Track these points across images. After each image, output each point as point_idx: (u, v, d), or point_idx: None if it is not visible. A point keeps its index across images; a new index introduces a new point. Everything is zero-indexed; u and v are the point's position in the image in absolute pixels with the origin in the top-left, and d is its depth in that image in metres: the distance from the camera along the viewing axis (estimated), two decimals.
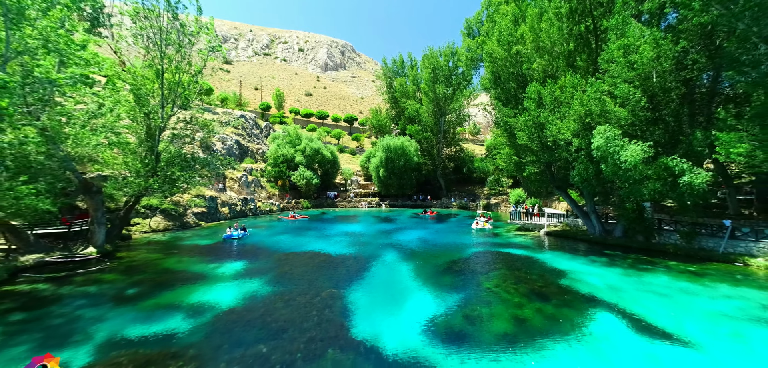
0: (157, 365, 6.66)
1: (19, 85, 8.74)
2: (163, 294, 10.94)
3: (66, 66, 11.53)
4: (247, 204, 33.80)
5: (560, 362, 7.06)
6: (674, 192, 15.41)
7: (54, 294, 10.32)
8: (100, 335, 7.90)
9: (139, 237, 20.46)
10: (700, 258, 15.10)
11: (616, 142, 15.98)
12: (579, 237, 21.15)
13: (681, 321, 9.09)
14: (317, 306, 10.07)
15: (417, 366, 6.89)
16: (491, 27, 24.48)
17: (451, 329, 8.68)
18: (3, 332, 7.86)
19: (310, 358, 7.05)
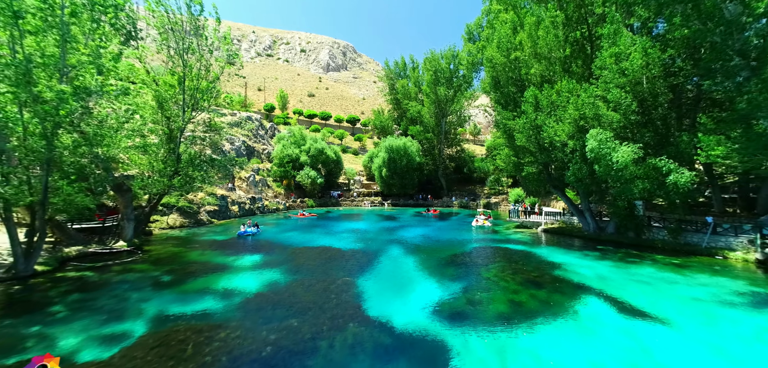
0: (210, 332, 7.84)
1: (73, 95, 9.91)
2: (195, 281, 12.12)
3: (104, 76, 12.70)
4: (256, 203, 35.00)
5: (549, 335, 8.21)
6: (662, 191, 16.51)
7: (100, 280, 11.52)
8: (151, 312, 9.08)
9: (159, 233, 21.67)
10: (685, 252, 16.21)
11: (609, 144, 17.10)
12: (574, 233, 22.26)
13: (658, 304, 10.21)
14: (334, 292, 11.23)
15: (424, 339, 8.03)
16: (491, 33, 25.61)
17: (453, 310, 9.82)
18: (68, 309, 9.05)
19: (335, 331, 8.22)
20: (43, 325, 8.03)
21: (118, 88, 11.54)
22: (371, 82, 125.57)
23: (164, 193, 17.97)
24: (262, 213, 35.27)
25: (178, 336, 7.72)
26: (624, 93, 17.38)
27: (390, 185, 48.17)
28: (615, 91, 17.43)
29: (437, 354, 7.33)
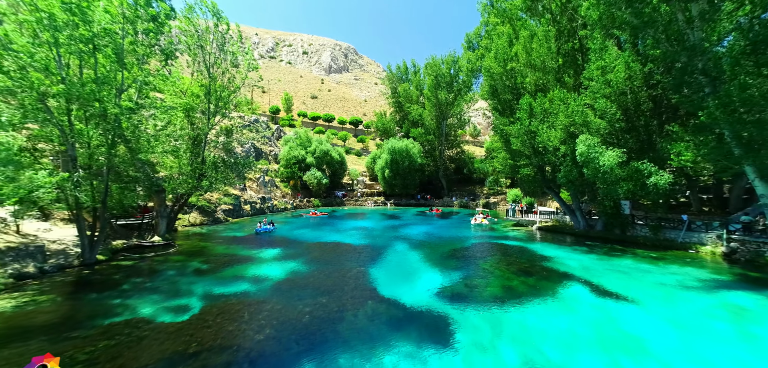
0: (257, 306, 9.60)
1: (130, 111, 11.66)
2: (228, 269, 13.88)
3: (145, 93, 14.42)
4: (265, 203, 36.76)
5: (534, 310, 9.94)
6: (644, 191, 18.22)
7: (149, 267, 13.29)
8: (200, 291, 10.84)
9: (182, 229, 23.42)
10: (663, 247, 17.93)
11: (596, 148, 18.81)
12: (566, 231, 23.97)
13: (630, 288, 11.93)
14: (350, 278, 12.98)
15: (429, 313, 9.76)
16: (489, 43, 27.33)
17: (454, 293, 11.55)
18: (134, 288, 10.83)
19: (356, 306, 9.96)
20: (122, 298, 9.80)
21: (167, 104, 13.31)
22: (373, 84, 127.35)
23: (191, 193, 19.73)
24: (271, 212, 37.01)
25: (232, 307, 9.47)
26: (609, 102, 19.10)
27: (392, 185, 49.88)
28: (601, 101, 19.16)
29: (440, 323, 9.06)
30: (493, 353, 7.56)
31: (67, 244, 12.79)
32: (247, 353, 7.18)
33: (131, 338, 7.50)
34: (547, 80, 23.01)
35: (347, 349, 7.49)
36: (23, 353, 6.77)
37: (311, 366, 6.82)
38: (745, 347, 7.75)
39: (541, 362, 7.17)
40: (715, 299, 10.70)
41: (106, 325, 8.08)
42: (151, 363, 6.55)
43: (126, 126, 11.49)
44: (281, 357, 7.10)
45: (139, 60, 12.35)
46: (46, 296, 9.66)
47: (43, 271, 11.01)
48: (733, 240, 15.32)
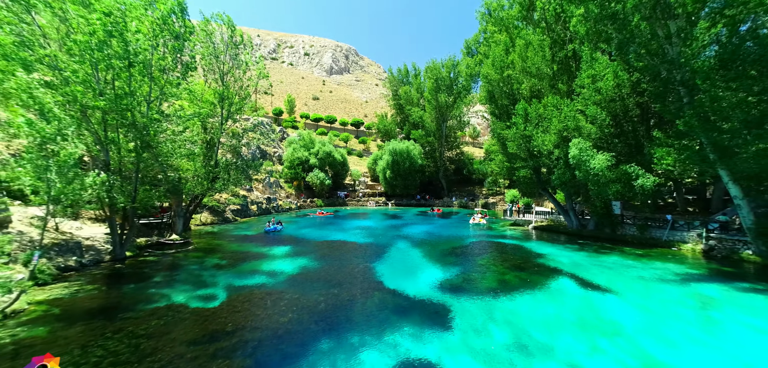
0: (277, 295, 10.78)
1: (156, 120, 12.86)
2: (245, 264, 15.07)
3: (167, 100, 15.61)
4: (271, 203, 37.96)
5: (524, 299, 11.12)
6: (631, 193, 19.42)
7: (173, 262, 14.49)
8: (223, 283, 12.03)
9: (195, 229, 24.61)
10: (649, 245, 19.12)
11: (587, 152, 20.00)
12: (560, 230, 25.16)
13: (613, 281, 13.11)
14: (358, 273, 14.17)
15: (431, 302, 10.93)
16: (487, 49, 28.53)
17: (452, 285, 12.73)
18: (164, 280, 12.01)
19: (366, 296, 11.16)
20: (156, 289, 11.00)
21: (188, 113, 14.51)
22: (373, 85, 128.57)
23: (205, 194, 20.92)
24: (276, 212, 38.19)
25: (255, 297, 10.67)
26: (600, 109, 20.30)
27: (393, 186, 51.09)
28: (592, 108, 20.35)
29: (440, 310, 10.25)
30: (486, 334, 8.74)
31: (98, 241, 13.96)
32: (275, 331, 8.37)
33: (175, 319, 8.70)
34: (542, 86, 24.20)
35: (359, 330, 8.67)
36: (94, 329, 7.96)
37: (330, 342, 8.00)
38: (702, 327, 8.94)
39: (527, 341, 8.36)
40: (687, 290, 11.89)
41: (151, 309, 9.28)
42: (198, 337, 7.74)
43: (153, 133, 12.68)
44: (304, 335, 8.29)
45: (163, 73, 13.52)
46: (91, 286, 10.84)
47: (82, 265, 12.19)
48: (711, 238, 16.52)
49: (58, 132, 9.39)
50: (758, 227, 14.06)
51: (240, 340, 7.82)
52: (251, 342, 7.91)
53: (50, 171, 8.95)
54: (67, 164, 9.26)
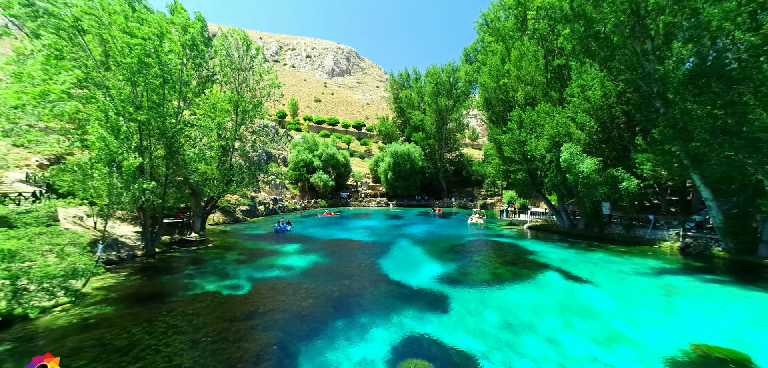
0: (296, 286, 12.28)
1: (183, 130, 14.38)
2: (262, 260, 16.57)
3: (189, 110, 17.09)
4: (277, 203, 39.46)
5: (514, 289, 12.60)
6: (617, 194, 20.92)
7: (197, 257, 15.99)
8: (245, 275, 13.53)
9: (209, 228, 26.12)
10: (633, 243, 20.60)
11: (577, 156, 21.50)
12: (553, 230, 26.64)
13: (595, 274, 14.59)
14: (365, 267, 15.66)
15: (431, 291, 12.41)
16: (485, 58, 30.04)
17: (451, 278, 14.22)
18: (194, 272, 13.52)
19: (373, 287, 12.65)
20: (189, 279, 12.50)
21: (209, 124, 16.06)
22: (374, 87, 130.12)
23: (220, 195, 22.43)
24: (282, 212, 39.69)
25: (277, 286, 12.17)
26: (588, 116, 21.81)
27: (395, 187, 52.58)
28: (582, 115, 21.87)
29: (439, 298, 11.73)
30: (479, 316, 10.24)
31: (130, 238, 15.46)
32: (298, 313, 9.87)
33: (214, 303, 10.21)
34: (536, 94, 25.71)
35: (369, 313, 10.17)
36: (151, 309, 9.46)
37: (344, 322, 9.49)
38: (663, 310, 10.42)
39: (514, 321, 9.85)
40: (657, 281, 13.38)
41: (191, 295, 10.78)
42: (236, 316, 9.25)
43: (181, 141, 14.19)
44: (323, 316, 9.79)
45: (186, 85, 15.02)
46: (134, 276, 12.35)
47: (121, 259, 13.68)
48: (687, 236, 18.00)
49: (122, 145, 10.91)
50: (726, 226, 15.54)
51: (271, 319, 9.33)
52: (280, 320, 9.41)
53: (113, 177, 10.46)
54: (129, 172, 10.75)
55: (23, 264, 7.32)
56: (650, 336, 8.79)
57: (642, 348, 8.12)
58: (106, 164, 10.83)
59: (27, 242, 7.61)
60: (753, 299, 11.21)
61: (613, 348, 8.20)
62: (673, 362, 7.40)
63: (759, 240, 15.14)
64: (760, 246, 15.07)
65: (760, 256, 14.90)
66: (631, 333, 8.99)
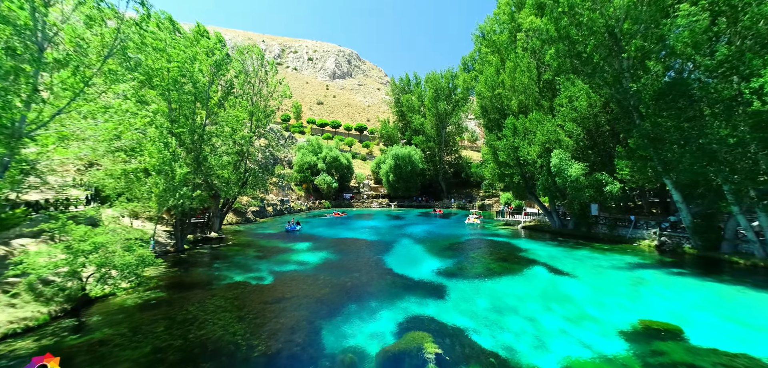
0: (312, 277, 14.09)
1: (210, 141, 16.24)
2: (278, 256, 18.38)
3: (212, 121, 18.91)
4: (284, 204, 41.29)
5: (503, 281, 14.40)
6: (601, 197, 22.73)
7: (220, 254, 17.81)
8: (265, 269, 15.34)
9: (224, 227, 27.94)
10: (615, 241, 22.41)
11: (566, 161, 23.31)
12: (545, 229, 28.45)
13: (576, 268, 16.39)
14: (372, 263, 17.46)
15: (431, 283, 14.21)
16: (482, 67, 31.89)
17: (448, 271, 16.03)
18: (221, 265, 15.34)
19: (380, 279, 14.47)
20: (219, 272, 14.32)
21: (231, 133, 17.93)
22: (375, 89, 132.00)
23: (236, 197, 24.25)
24: (289, 212, 41.51)
25: (296, 278, 13.99)
26: (576, 125, 23.64)
27: (396, 188, 54.41)
28: (569, 124, 23.69)
29: (438, 287, 13.54)
30: (471, 301, 12.04)
31: (161, 236, 17.26)
32: (318, 299, 11.68)
33: (246, 290, 12.03)
34: (529, 102, 27.54)
35: (378, 299, 11.98)
36: (196, 294, 11.27)
37: (357, 306, 11.29)
38: (628, 297, 12.22)
39: (501, 306, 11.64)
40: (630, 274, 15.19)
41: (226, 284, 12.61)
42: (268, 300, 11.06)
43: (207, 149, 16.03)
44: (338, 301, 11.59)
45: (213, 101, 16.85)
46: (173, 269, 14.17)
47: (156, 254, 15.46)
48: (663, 235, 19.81)
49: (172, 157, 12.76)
50: (694, 226, 17.34)
51: (296, 302, 11.15)
52: (304, 303, 11.23)
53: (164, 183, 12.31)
54: (180, 179, 12.58)
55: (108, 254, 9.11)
56: (612, 316, 10.60)
57: (603, 324, 9.93)
58: (159, 173, 12.65)
59: (110, 236, 9.40)
60: (705, 288, 13.01)
61: (580, 325, 10.00)
62: (622, 332, 9.21)
63: (722, 238, 16.95)
64: (723, 244, 16.87)
65: (723, 252, 16.70)
66: (597, 314, 10.80)
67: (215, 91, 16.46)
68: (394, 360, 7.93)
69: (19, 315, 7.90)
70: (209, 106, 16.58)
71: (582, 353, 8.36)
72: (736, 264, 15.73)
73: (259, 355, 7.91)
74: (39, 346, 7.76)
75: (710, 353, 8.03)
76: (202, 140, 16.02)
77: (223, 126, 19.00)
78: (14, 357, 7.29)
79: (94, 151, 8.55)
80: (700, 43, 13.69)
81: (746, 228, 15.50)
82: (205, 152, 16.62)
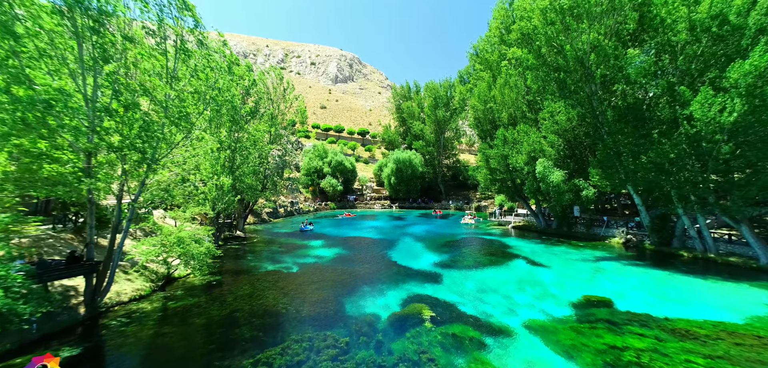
0: (331, 268, 17.27)
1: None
2: (298, 251, 21.54)
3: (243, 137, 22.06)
4: (294, 206, 44.45)
5: (489, 270, 17.55)
6: (579, 201, 25.90)
7: (249, 250, 20.97)
8: (290, 261, 18.51)
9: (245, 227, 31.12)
10: (591, 239, 25.56)
11: (549, 169, 26.49)
12: (532, 229, 31.61)
13: (551, 261, 19.53)
14: (379, 257, 20.63)
15: (429, 272, 17.34)
16: (476, 81, 35.16)
17: (444, 264, 19.18)
18: (254, 258, 18.50)
19: (386, 268, 17.65)
20: (254, 263, 17.49)
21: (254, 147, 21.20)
22: (376, 93, 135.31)
23: (256, 200, 27.45)
24: (299, 214, 44.66)
25: (317, 268, 17.17)
26: (557, 137, 26.83)
27: (397, 190, 57.58)
28: (551, 136, 26.88)
29: (435, 275, 16.69)
30: (461, 285, 15.19)
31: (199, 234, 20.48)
32: (338, 282, 14.84)
33: (280, 277, 15.18)
34: (517, 115, 30.75)
35: (386, 283, 15.13)
36: (243, 278, 14.43)
37: (369, 287, 14.43)
38: (586, 282, 15.35)
39: (484, 287, 14.79)
40: (593, 265, 18.34)
41: (262, 272, 15.78)
42: (301, 283, 14.22)
43: (239, 160, 19.24)
44: (354, 284, 14.74)
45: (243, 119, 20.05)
46: (217, 261, 17.36)
47: None
48: (629, 233, 22.98)
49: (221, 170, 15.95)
50: (652, 225, 20.49)
51: (321, 285, 14.31)
52: (327, 286, 14.39)
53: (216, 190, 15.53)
54: (229, 188, 15.72)
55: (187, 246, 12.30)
56: (567, 294, 13.76)
57: (559, 299, 13.08)
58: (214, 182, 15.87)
59: (187, 233, 12.55)
60: (645, 274, 16.17)
61: (543, 300, 13.16)
62: (571, 303, 12.37)
63: (673, 235, 20.11)
64: (674, 240, 20.04)
65: (673, 248, 19.86)
66: (557, 292, 13.97)
67: (246, 109, 19.61)
68: (401, 320, 11.10)
69: (135, 287, 11.09)
70: (241, 123, 19.75)
71: (539, 316, 11.53)
72: (681, 256, 18.90)
73: (305, 316, 11.09)
74: (153, 307, 10.99)
75: (624, 314, 11.21)
76: (235, 152, 19.19)
77: (251, 139, 22.18)
78: (140, 314, 10.53)
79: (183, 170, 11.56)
80: (648, 76, 16.89)
81: (689, 227, 18.66)
82: (238, 162, 19.79)
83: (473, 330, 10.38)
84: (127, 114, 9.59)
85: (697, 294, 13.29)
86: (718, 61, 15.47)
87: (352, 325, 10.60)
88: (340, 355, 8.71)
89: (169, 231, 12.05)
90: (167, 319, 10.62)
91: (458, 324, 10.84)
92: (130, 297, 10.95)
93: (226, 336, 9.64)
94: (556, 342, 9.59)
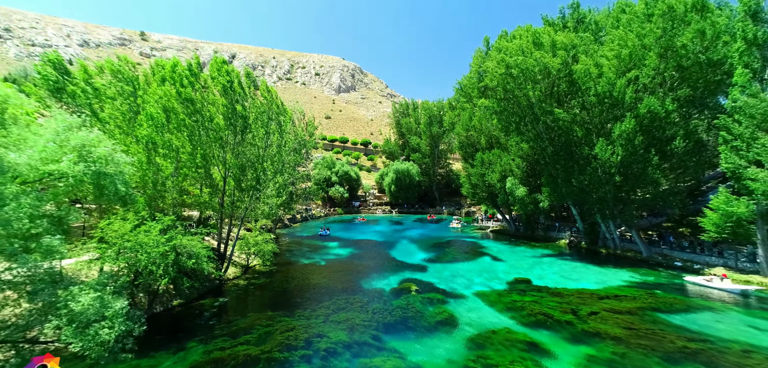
0: (349, 263, 24.55)
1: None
2: (322, 250, 28.81)
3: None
4: (308, 212, 51.69)
5: (461, 263, 24.82)
6: (538, 210, 33.17)
7: (285, 248, 28.27)
8: (317, 258, 25.76)
9: None
10: (547, 240, 32.79)
11: (516, 186, 33.77)
12: (505, 232, 38.87)
13: (509, 257, 26.76)
14: (382, 254, 27.90)
15: (420, 265, 24.54)
16: (461, 112, 42.52)
17: (430, 259, 26.42)
18: (291, 256, 25.80)
19: (388, 262, 24.95)
20: (293, 258, 24.78)
21: (297, 176, 28.45)
22: (377, 102, 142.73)
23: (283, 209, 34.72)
24: (312, 219, 51.89)
25: (339, 262, 24.47)
26: (521, 160, 34.15)
27: (397, 197, 64.85)
28: (517, 160, 34.20)
29: (423, 266, 23.92)
30: (440, 272, 22.37)
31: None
32: (355, 271, 22.07)
33: (315, 268, 22.42)
34: (492, 141, 38.06)
35: (388, 272, 22.35)
36: (291, 268, 21.67)
37: (377, 274, 21.65)
38: (526, 269, 22.52)
39: (456, 274, 21.97)
40: (537, 259, 25.53)
41: (301, 264, 22.99)
42: (330, 271, 21.47)
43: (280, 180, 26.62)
44: (367, 272, 21.98)
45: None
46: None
47: None
48: (572, 236, 30.21)
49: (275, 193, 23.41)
50: (585, 230, 27.76)
51: (344, 273, 21.54)
52: (348, 273, 21.61)
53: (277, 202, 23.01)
54: (284, 200, 23.11)
55: None
56: (508, 277, 20.94)
57: (502, 280, 20.25)
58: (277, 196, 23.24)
59: (263, 237, 19.88)
60: (569, 265, 23.37)
61: (492, 281, 20.30)
62: (507, 282, 19.57)
63: (599, 237, 27.38)
64: (599, 241, 27.31)
65: (598, 247, 27.13)
66: (503, 276, 21.16)
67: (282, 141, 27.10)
68: (397, 291, 18.34)
69: (232, 271, 18.42)
70: None
71: (484, 289, 18.74)
72: (601, 253, 26.16)
73: (339, 289, 18.33)
74: (246, 281, 18.31)
75: (533, 287, 18.47)
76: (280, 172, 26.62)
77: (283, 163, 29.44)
78: (241, 285, 17.82)
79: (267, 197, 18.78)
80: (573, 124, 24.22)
81: (605, 231, 25.92)
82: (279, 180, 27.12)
83: (441, 296, 17.58)
84: None
85: (587, 275, 20.57)
86: (615, 117, 22.78)
87: (368, 293, 17.85)
88: (364, 306, 15.94)
89: (249, 237, 19.41)
90: (258, 288, 17.91)
91: (433, 293, 18.06)
92: (231, 276, 18.23)
93: (295, 297, 16.88)
94: (488, 300, 16.82)
